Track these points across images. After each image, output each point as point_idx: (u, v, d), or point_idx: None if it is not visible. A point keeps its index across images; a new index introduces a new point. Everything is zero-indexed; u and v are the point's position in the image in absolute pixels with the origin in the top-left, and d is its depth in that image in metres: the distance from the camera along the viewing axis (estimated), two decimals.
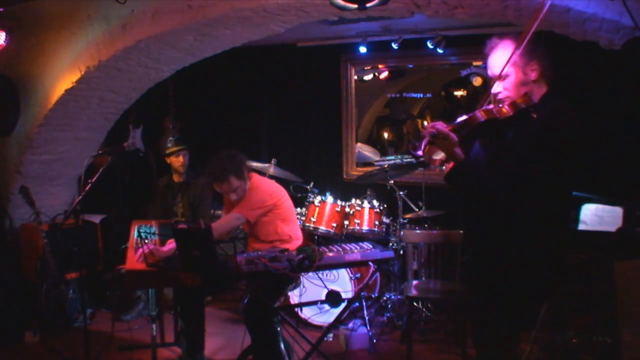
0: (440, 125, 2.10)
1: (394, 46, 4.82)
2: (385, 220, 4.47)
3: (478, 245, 2.32)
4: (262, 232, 3.52)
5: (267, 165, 4.82)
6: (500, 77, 2.17)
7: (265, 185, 3.56)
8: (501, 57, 2.16)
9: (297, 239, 3.61)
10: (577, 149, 2.11)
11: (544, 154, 2.03)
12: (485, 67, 2.34)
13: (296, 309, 4.16)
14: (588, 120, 2.14)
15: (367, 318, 4.05)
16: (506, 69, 2.14)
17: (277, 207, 3.50)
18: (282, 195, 3.56)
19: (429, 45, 4.69)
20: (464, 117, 2.15)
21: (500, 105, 2.16)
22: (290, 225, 3.59)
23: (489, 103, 2.21)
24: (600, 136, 4.08)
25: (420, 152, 2.15)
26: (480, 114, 2.12)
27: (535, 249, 2.13)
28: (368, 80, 5.63)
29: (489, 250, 2.24)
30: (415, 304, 4.21)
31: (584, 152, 2.17)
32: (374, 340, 3.96)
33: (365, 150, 5.64)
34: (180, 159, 4.34)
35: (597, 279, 3.13)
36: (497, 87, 2.20)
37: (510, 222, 2.15)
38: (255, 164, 4.72)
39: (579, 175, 2.21)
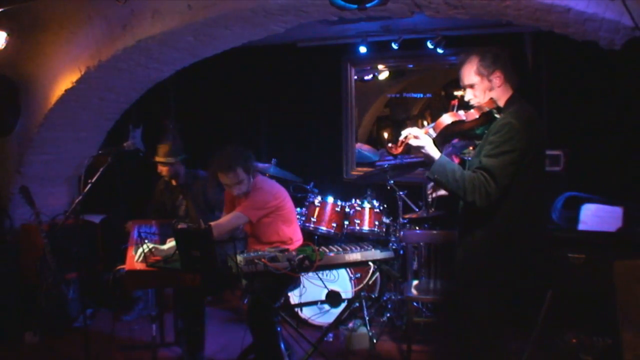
0: (415, 129, 2.42)
1: (394, 46, 4.82)
2: (385, 220, 4.46)
3: (461, 241, 2.55)
4: (263, 233, 3.52)
5: (267, 165, 4.81)
6: (470, 86, 2.49)
7: (269, 186, 3.56)
8: (468, 70, 2.49)
9: (298, 241, 3.62)
10: (535, 144, 2.36)
11: (504, 147, 2.30)
12: None
13: (296, 309, 4.16)
14: (588, 120, 2.17)
15: (367, 318, 4.05)
16: (473, 78, 2.47)
17: (279, 208, 3.50)
18: (284, 196, 3.57)
19: (429, 45, 4.69)
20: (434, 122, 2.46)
21: (468, 111, 2.48)
22: (291, 227, 3.60)
23: (459, 109, 2.51)
24: (600, 136, 4.10)
25: (395, 151, 2.44)
26: (445, 118, 2.43)
27: (507, 245, 2.38)
28: (368, 81, 5.62)
29: (469, 246, 2.48)
30: (415, 304, 4.21)
31: (542, 150, 2.46)
32: (374, 340, 3.96)
33: (365, 150, 5.64)
34: (165, 169, 4.12)
35: (597, 279, 3.13)
36: (468, 95, 2.53)
37: (484, 219, 2.39)
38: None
39: (543, 175, 2.46)
